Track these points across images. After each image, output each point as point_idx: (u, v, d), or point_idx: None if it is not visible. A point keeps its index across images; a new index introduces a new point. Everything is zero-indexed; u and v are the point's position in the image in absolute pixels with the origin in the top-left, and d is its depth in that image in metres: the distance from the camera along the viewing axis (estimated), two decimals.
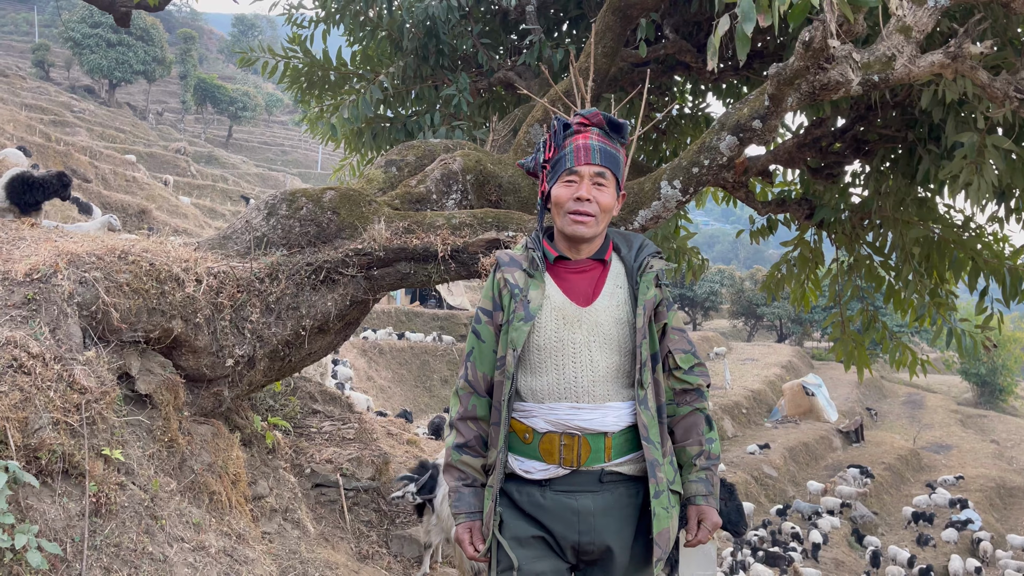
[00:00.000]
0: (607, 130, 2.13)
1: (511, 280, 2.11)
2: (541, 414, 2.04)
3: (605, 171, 2.07)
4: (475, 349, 2.16)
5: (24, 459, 2.37)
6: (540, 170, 2.19)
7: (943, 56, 3.20)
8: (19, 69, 47.37)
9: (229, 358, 3.55)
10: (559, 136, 2.13)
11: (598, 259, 2.14)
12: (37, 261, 2.82)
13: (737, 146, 3.63)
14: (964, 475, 27.28)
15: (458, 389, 2.19)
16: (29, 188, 5.31)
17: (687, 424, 2.15)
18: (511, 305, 2.08)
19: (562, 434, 2.02)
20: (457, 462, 2.15)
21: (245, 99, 57.73)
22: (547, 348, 2.05)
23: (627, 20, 5.30)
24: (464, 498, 2.13)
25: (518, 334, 2.04)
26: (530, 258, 2.13)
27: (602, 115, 2.12)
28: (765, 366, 36.83)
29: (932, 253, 5.37)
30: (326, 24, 7.09)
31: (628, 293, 2.11)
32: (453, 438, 2.17)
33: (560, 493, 2.03)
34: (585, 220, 2.05)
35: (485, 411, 2.15)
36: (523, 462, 2.07)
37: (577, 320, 2.06)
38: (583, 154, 2.07)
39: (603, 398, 2.03)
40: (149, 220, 20.60)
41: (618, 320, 2.07)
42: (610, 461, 2.03)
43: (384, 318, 26.54)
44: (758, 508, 21.75)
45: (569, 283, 2.11)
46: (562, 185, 2.09)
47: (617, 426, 2.03)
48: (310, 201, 4.08)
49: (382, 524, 5.14)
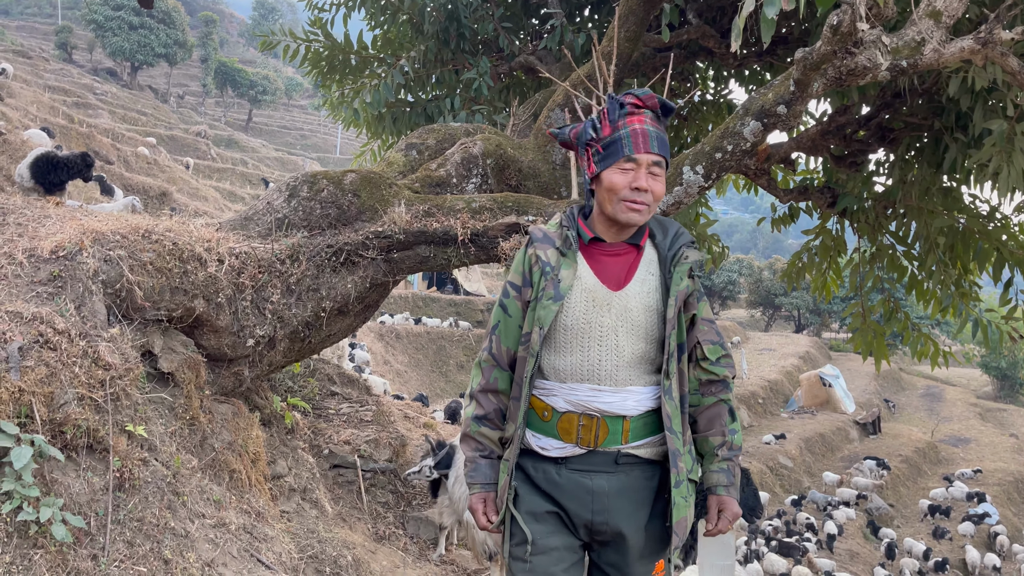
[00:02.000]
0: (659, 114, 2.08)
1: (543, 257, 2.08)
2: (562, 393, 2.03)
3: (662, 160, 2.04)
4: (501, 323, 2.14)
5: (49, 433, 2.40)
6: (586, 146, 2.12)
7: (973, 42, 3.15)
8: (42, 51, 47.69)
9: (250, 338, 3.58)
10: (614, 114, 2.07)
11: (633, 243, 2.11)
12: (63, 239, 2.85)
13: (761, 131, 3.59)
14: (982, 469, 27.06)
15: (481, 361, 2.18)
16: (54, 168, 5.37)
17: (711, 415, 2.14)
18: (541, 282, 2.05)
19: (581, 415, 2.01)
20: (475, 433, 2.15)
21: (265, 83, 57.87)
22: (574, 329, 2.03)
23: (651, 4, 5.25)
24: (480, 468, 2.13)
25: (546, 312, 2.02)
26: (564, 236, 2.10)
27: (657, 98, 2.07)
28: (782, 356, 36.64)
29: (956, 243, 5.30)
30: (347, 8, 7.08)
31: (659, 281, 2.09)
32: (473, 409, 2.16)
33: (575, 472, 2.02)
34: (640, 208, 2.02)
35: (506, 385, 2.13)
36: (540, 439, 2.06)
37: (607, 303, 2.04)
38: (642, 140, 2.02)
39: (625, 382, 2.02)
40: (170, 202, 20.73)
41: (647, 307, 2.05)
42: (627, 444, 2.02)
43: (401, 303, 26.61)
44: (773, 498, 21.70)
45: (602, 265, 2.09)
46: (618, 171, 2.03)
47: (636, 410, 2.02)
48: (331, 183, 4.09)
49: (399, 506, 5.17)
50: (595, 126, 2.09)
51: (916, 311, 19.24)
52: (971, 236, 5.22)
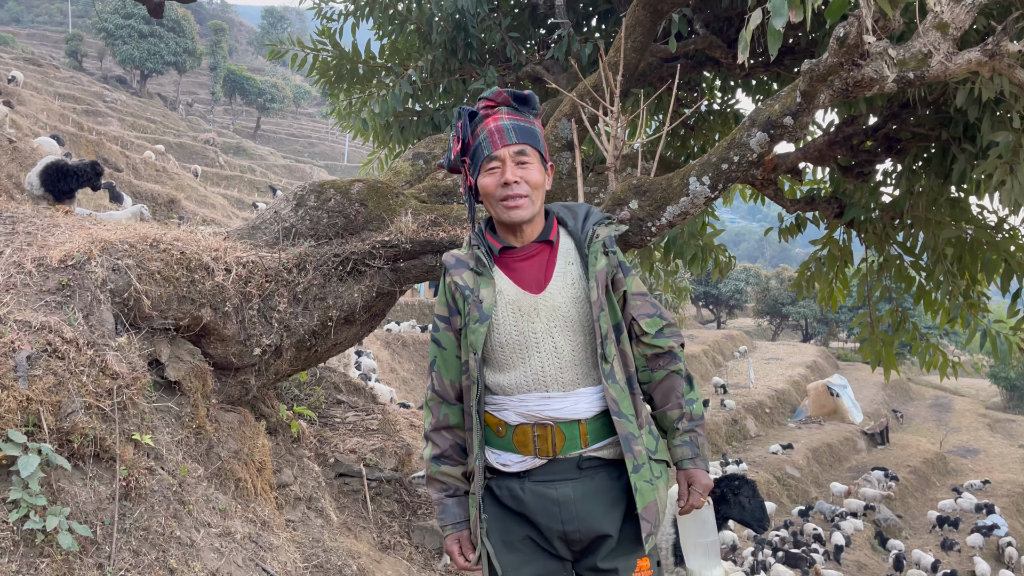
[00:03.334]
0: (515, 105, 2.03)
1: (460, 282, 2.03)
2: (512, 406, 1.99)
3: (525, 147, 1.98)
4: (438, 357, 2.10)
5: (56, 442, 2.41)
6: (460, 164, 2.09)
7: (980, 54, 3.15)
8: (53, 59, 48.09)
9: (256, 347, 3.59)
10: (467, 126, 2.03)
11: (544, 241, 2.06)
12: (71, 248, 2.87)
13: (767, 143, 3.59)
14: (991, 480, 26.88)
15: (427, 401, 2.14)
16: (64, 176, 5.40)
17: (664, 388, 2.08)
18: (465, 308, 2.01)
19: (534, 425, 1.96)
20: (437, 473, 2.10)
21: (273, 91, 58.23)
22: (509, 344, 1.98)
23: (657, 15, 5.26)
24: (448, 509, 2.09)
25: (476, 336, 1.97)
26: (475, 256, 2.04)
27: (505, 92, 2.03)
28: (789, 366, 36.51)
29: (964, 254, 5.28)
30: (355, 17, 7.11)
31: (580, 268, 2.03)
32: (430, 450, 2.12)
33: (539, 484, 1.98)
34: (519, 203, 1.97)
35: (458, 418, 2.09)
36: (499, 455, 2.02)
37: (534, 309, 1.99)
38: (498, 136, 1.98)
39: (572, 384, 1.97)
40: (178, 209, 20.84)
41: (576, 299, 1.99)
42: (587, 447, 1.97)
43: (407, 311, 26.65)
44: (780, 508, 21.60)
45: (519, 272, 2.03)
46: (486, 174, 1.99)
47: (590, 411, 1.97)
48: (338, 193, 4.11)
49: (404, 515, 5.17)
50: (457, 140, 2.05)
51: (924, 321, 19.19)
52: (979, 247, 5.20)
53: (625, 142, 4.10)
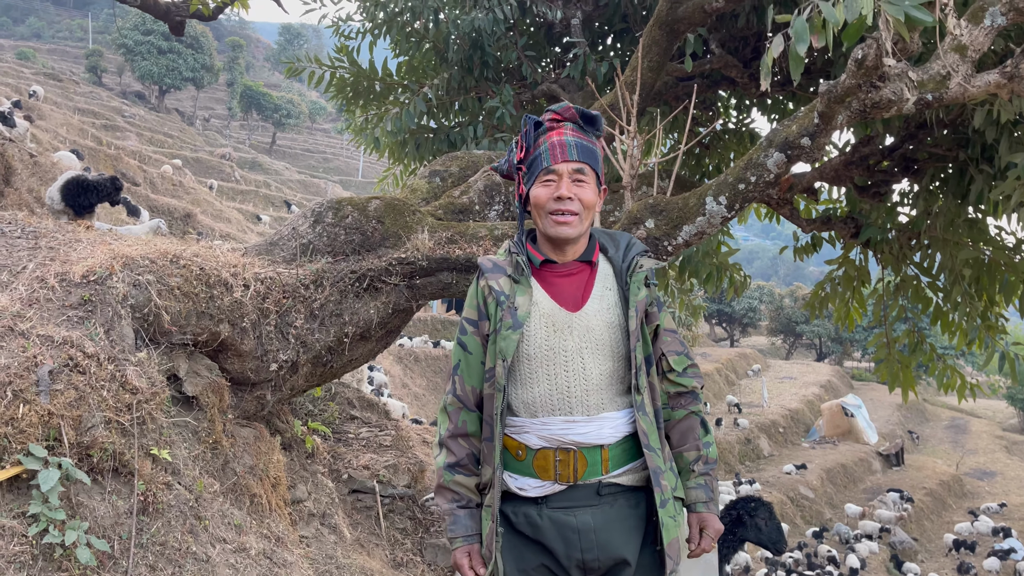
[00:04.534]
0: (581, 124, 2.03)
1: (496, 287, 2.00)
2: (534, 429, 1.96)
3: (584, 166, 1.98)
4: (462, 361, 2.06)
5: (76, 456, 2.43)
6: (515, 172, 2.08)
7: (999, 76, 3.15)
8: (73, 74, 48.75)
9: (273, 363, 3.60)
10: (531, 135, 2.03)
11: (585, 261, 2.05)
12: (93, 263, 2.90)
13: (784, 163, 3.60)
14: (1008, 503, 26.53)
15: (446, 405, 2.09)
16: (84, 191, 5.46)
17: (683, 428, 2.07)
18: (497, 313, 1.97)
19: (557, 449, 1.94)
20: (450, 483, 2.05)
21: (289, 106, 58.74)
22: (538, 357, 1.96)
23: (674, 35, 5.29)
24: (460, 521, 2.03)
25: (507, 343, 1.94)
26: (514, 263, 2.02)
27: (574, 108, 2.03)
28: (803, 385, 36.27)
29: (982, 275, 5.25)
30: (373, 35, 7.18)
31: (618, 295, 2.02)
32: (444, 457, 2.06)
33: (557, 510, 1.94)
34: (569, 220, 1.96)
35: (476, 427, 2.05)
36: (517, 479, 1.98)
37: (567, 326, 1.97)
38: (559, 151, 1.97)
39: (597, 408, 1.95)
40: (194, 223, 21.02)
41: (610, 324, 1.98)
42: (608, 473, 1.94)
43: (420, 326, 26.69)
44: (793, 529, 21.38)
45: (557, 287, 2.02)
46: (540, 185, 1.99)
47: (614, 437, 1.95)
48: (356, 210, 4.13)
49: (417, 532, 5.16)
50: (521, 147, 2.05)
51: (941, 342, 19.06)
52: (997, 268, 5.17)
53: (641, 161, 4.11)
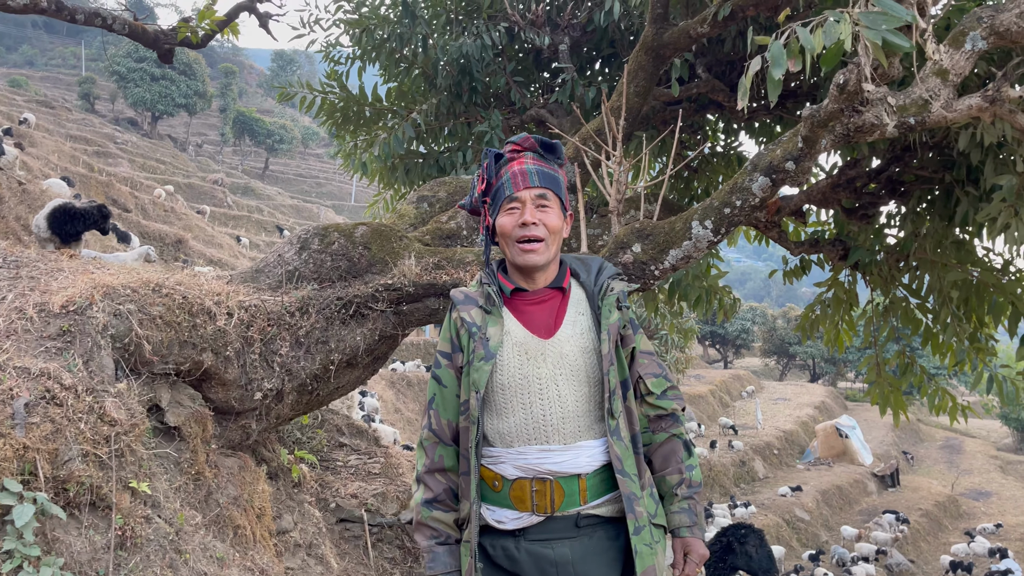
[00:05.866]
0: (541, 152, 2.05)
1: (468, 319, 2.00)
2: (509, 459, 1.94)
3: (546, 192, 2.00)
4: (437, 395, 2.04)
5: (52, 491, 2.38)
6: (480, 206, 2.09)
7: (981, 99, 3.16)
8: (65, 101, 48.84)
9: (258, 391, 3.57)
10: (492, 167, 2.04)
11: (556, 287, 2.05)
12: (73, 293, 2.87)
13: (770, 187, 3.60)
14: (1004, 523, 26.44)
15: (422, 440, 2.07)
16: (71, 219, 5.43)
17: (665, 452, 2.05)
18: (470, 345, 1.97)
19: (533, 479, 1.91)
20: (428, 519, 2.02)
21: (282, 132, 58.92)
22: (511, 387, 1.94)
23: (660, 59, 5.32)
24: (439, 558, 2.00)
25: (480, 374, 1.93)
26: (485, 293, 2.02)
27: (533, 138, 2.04)
28: (797, 406, 36.20)
29: (971, 296, 5.25)
30: (362, 61, 7.22)
31: (591, 320, 2.01)
32: (421, 494, 2.04)
33: (535, 543, 1.91)
34: (535, 247, 1.97)
35: (453, 461, 2.03)
36: (494, 511, 1.96)
37: (540, 354, 1.95)
38: (521, 179, 1.99)
39: (574, 436, 1.92)
40: (185, 249, 20.97)
41: (583, 349, 1.97)
42: (586, 504, 1.92)
43: (412, 350, 26.60)
44: (790, 552, 21.24)
45: (528, 315, 2.01)
46: (505, 214, 2.00)
47: (591, 466, 1.92)
48: (342, 236, 4.12)
49: (406, 561, 5.09)
50: (482, 180, 2.06)
51: (933, 362, 19.13)
52: (985, 289, 5.18)
53: (628, 185, 4.12)
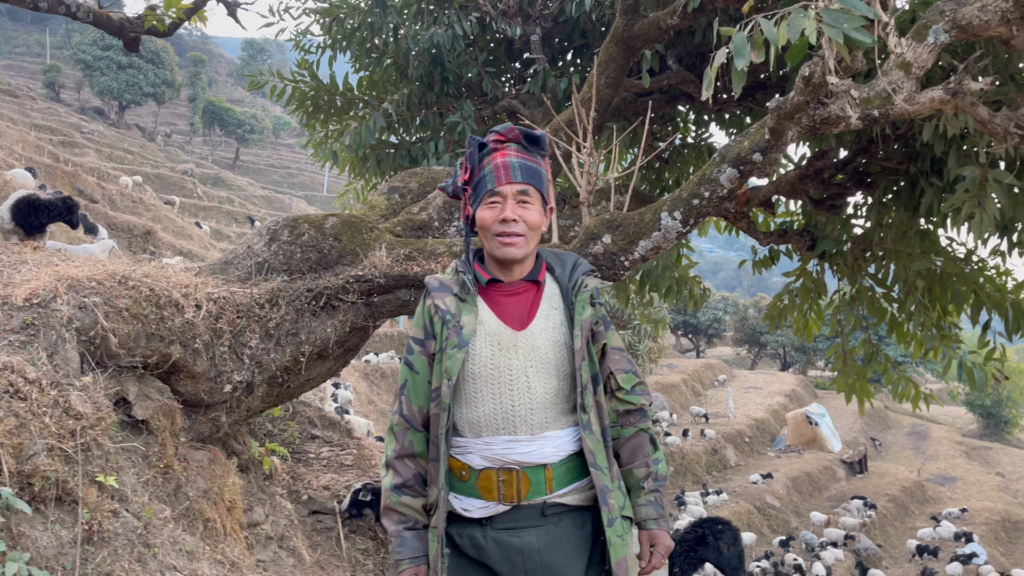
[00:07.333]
0: (525, 144, 2.05)
1: (442, 306, 2.01)
2: (477, 450, 1.96)
3: (528, 188, 2.00)
4: (409, 381, 2.06)
5: (17, 485, 2.36)
6: (461, 192, 2.10)
7: (943, 92, 3.21)
8: (30, 90, 47.84)
9: (227, 384, 3.54)
10: (475, 156, 2.05)
11: (532, 280, 2.06)
12: (37, 286, 2.83)
13: (737, 178, 3.64)
14: (969, 508, 27.01)
15: (393, 426, 2.08)
16: (35, 211, 5.33)
17: (632, 446, 2.08)
18: (443, 332, 1.98)
19: (499, 469, 1.93)
20: (396, 504, 2.03)
21: (253, 122, 58.22)
22: (483, 376, 1.96)
23: (631, 51, 5.34)
24: (406, 542, 2.02)
25: (452, 362, 1.95)
26: (461, 282, 2.03)
27: (518, 129, 2.04)
28: (768, 395, 36.64)
29: (935, 286, 5.35)
30: (333, 50, 7.16)
31: (564, 314, 2.03)
32: (390, 479, 2.05)
33: (501, 531, 1.94)
34: (514, 241, 1.98)
35: (423, 447, 2.04)
36: (462, 500, 1.98)
37: (513, 345, 1.97)
38: (503, 173, 1.99)
39: (541, 427, 1.95)
40: (154, 241, 20.69)
41: (555, 343, 1.99)
42: (552, 493, 1.94)
43: (387, 342, 26.52)
44: (760, 539, 21.53)
45: (503, 306, 2.03)
46: (486, 207, 2.00)
47: (557, 456, 1.95)
48: (312, 227, 4.10)
49: (379, 552, 5.09)
50: (465, 169, 2.06)
51: (898, 351, 19.42)
52: (949, 279, 5.27)
53: (599, 176, 4.13)
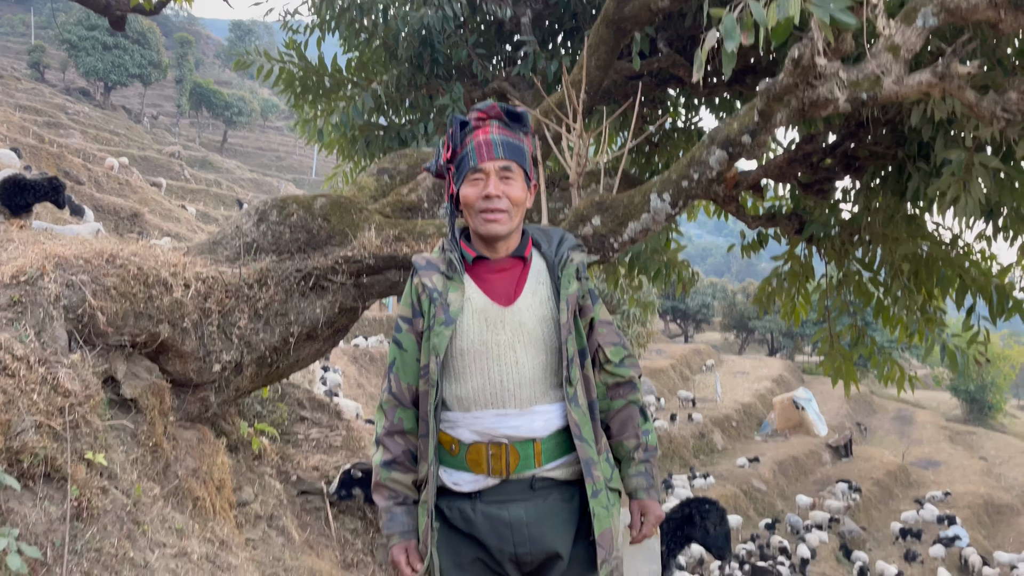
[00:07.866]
0: (507, 121, 2.06)
1: (429, 284, 2.03)
2: (466, 424, 1.98)
3: (511, 164, 2.01)
4: (397, 359, 2.08)
5: (6, 462, 2.36)
6: (444, 171, 2.11)
7: (931, 75, 3.23)
8: (14, 70, 47.28)
9: (216, 364, 3.54)
10: (457, 135, 2.05)
11: (518, 256, 2.08)
12: (24, 264, 2.81)
13: (727, 161, 3.65)
14: (952, 491, 27.35)
15: (382, 403, 2.10)
16: (21, 190, 5.31)
17: (622, 418, 2.11)
18: (431, 310, 2.00)
19: (489, 443, 1.96)
20: (387, 480, 2.06)
21: (240, 104, 57.75)
22: (471, 352, 1.98)
23: (621, 33, 5.32)
24: (396, 517, 2.04)
25: (440, 339, 1.97)
26: (447, 260, 2.05)
27: (499, 106, 2.06)
28: (756, 379, 36.89)
29: (921, 270, 5.39)
30: (321, 31, 7.10)
31: (551, 289, 2.05)
32: (380, 455, 2.07)
33: (491, 504, 1.96)
34: (498, 217, 1.99)
35: (412, 424, 2.06)
36: (452, 474, 2.00)
37: (500, 321, 1.99)
38: (485, 149, 2.00)
39: (530, 401, 1.97)
40: (141, 223, 20.55)
41: (542, 318, 2.01)
42: (541, 467, 1.97)
43: (375, 325, 26.50)
44: (747, 522, 21.75)
45: (489, 283, 2.05)
46: (469, 184, 2.02)
47: (546, 430, 1.97)
48: (301, 208, 4.08)
49: (367, 532, 5.12)
50: (447, 148, 2.07)
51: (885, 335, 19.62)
52: (934, 263, 5.31)
53: (589, 159, 4.14)
